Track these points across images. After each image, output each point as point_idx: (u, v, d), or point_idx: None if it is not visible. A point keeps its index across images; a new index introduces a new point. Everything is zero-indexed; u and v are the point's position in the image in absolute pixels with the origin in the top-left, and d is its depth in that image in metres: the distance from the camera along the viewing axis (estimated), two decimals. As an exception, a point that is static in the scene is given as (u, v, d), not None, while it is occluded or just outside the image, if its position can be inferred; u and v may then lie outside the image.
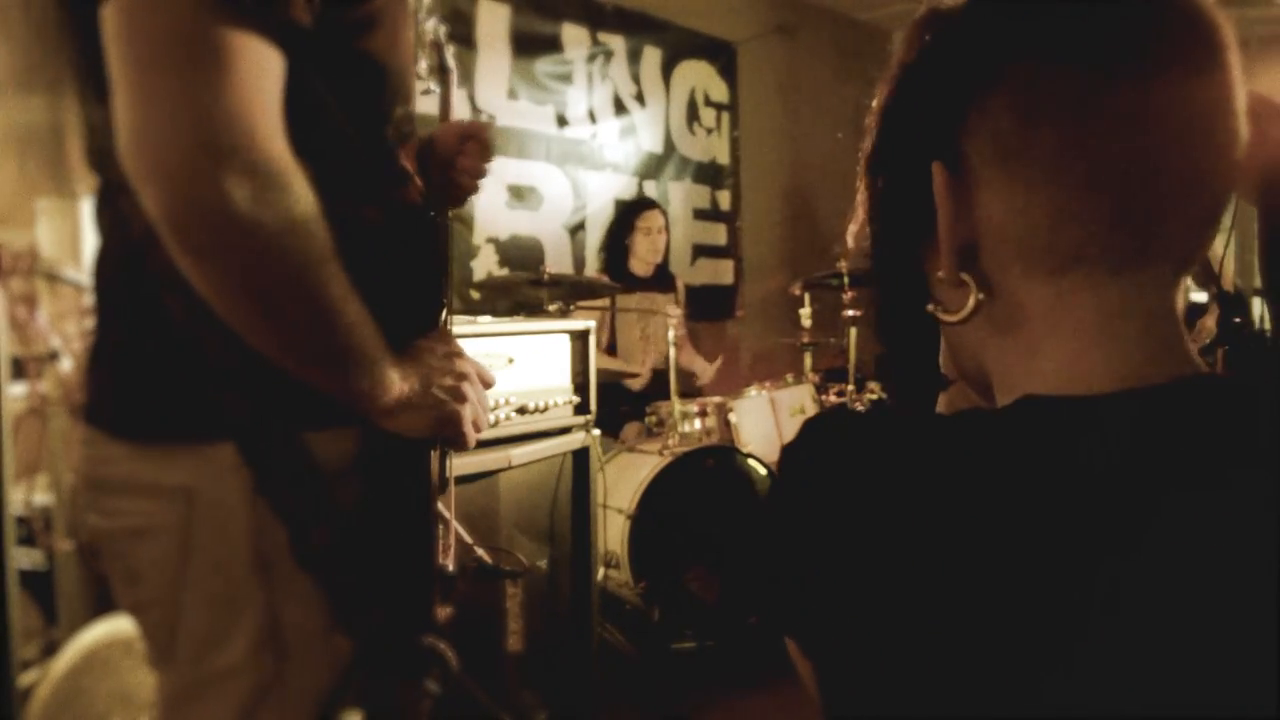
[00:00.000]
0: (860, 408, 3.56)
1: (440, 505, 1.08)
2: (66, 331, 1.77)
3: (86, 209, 1.80)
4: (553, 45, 3.94)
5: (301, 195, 0.72)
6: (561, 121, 4.00)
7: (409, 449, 0.91)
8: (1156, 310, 0.53)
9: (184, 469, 0.80)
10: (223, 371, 0.78)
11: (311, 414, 0.81)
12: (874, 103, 0.60)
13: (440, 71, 1.36)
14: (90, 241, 1.80)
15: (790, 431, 3.52)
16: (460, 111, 3.62)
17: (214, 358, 0.78)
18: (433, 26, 1.38)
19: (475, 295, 3.56)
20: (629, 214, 3.80)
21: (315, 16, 0.75)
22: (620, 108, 4.24)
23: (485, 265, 3.72)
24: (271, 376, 0.77)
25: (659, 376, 3.31)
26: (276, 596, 0.81)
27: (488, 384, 0.97)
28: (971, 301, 0.56)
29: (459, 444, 0.93)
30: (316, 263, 0.73)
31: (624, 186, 4.27)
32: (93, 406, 0.86)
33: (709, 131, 4.70)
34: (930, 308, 0.60)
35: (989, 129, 0.53)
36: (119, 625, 1.69)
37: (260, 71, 0.69)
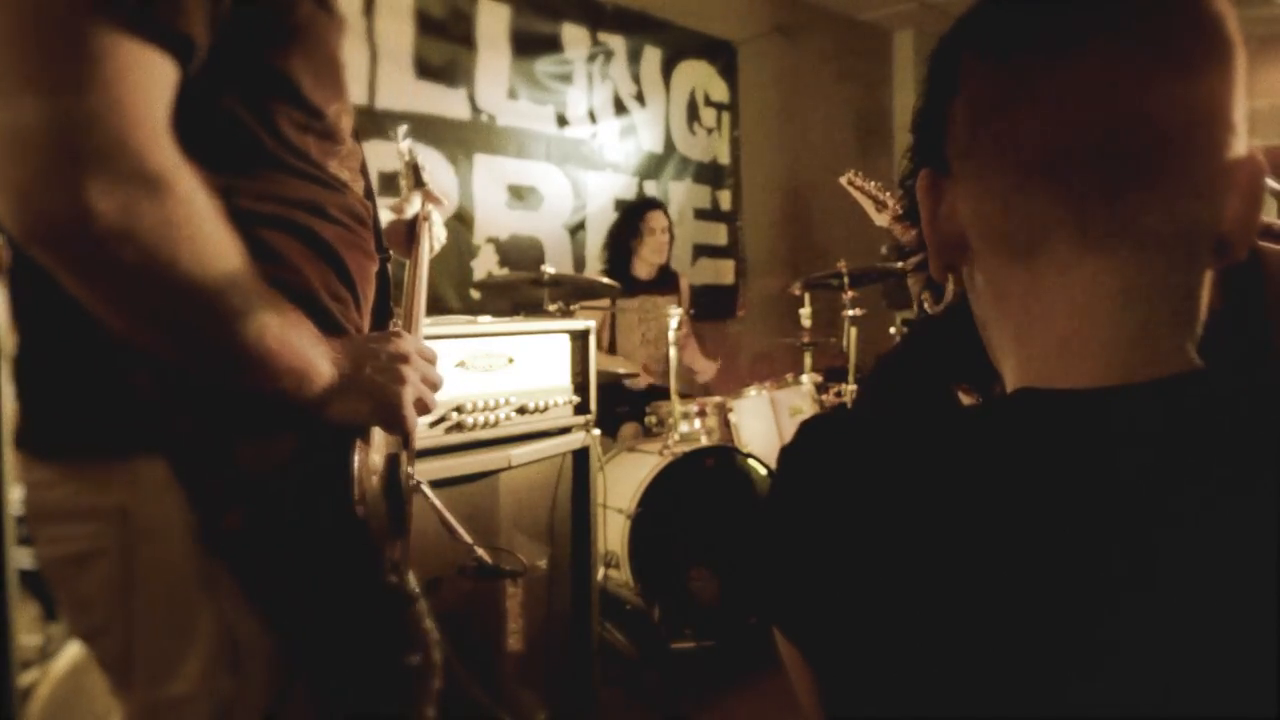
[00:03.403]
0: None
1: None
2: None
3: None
4: (553, 45, 3.94)
5: (185, 201, 0.67)
6: (561, 121, 4.00)
7: (335, 457, 0.86)
8: (1137, 291, 0.52)
9: (116, 489, 0.76)
10: (145, 383, 0.75)
11: (242, 421, 0.78)
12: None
13: (417, 184, 1.42)
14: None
15: (790, 431, 3.51)
16: (460, 111, 3.62)
17: (135, 370, 0.75)
18: (407, 148, 1.47)
19: (475, 295, 3.56)
20: (634, 214, 3.79)
21: (222, 32, 0.72)
22: (620, 108, 4.24)
23: (485, 265, 3.72)
24: (197, 385, 0.75)
25: (660, 377, 3.31)
26: (227, 612, 0.78)
27: (429, 361, 0.94)
28: (949, 293, 0.57)
29: (399, 427, 0.90)
30: (208, 268, 0.69)
31: (624, 186, 4.27)
32: (20, 430, 0.81)
33: (709, 131, 4.70)
34: (924, 298, 0.61)
35: (953, 131, 0.56)
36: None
37: (138, 77, 0.65)
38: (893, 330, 4.10)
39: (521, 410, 2.02)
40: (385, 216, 1.32)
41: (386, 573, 0.91)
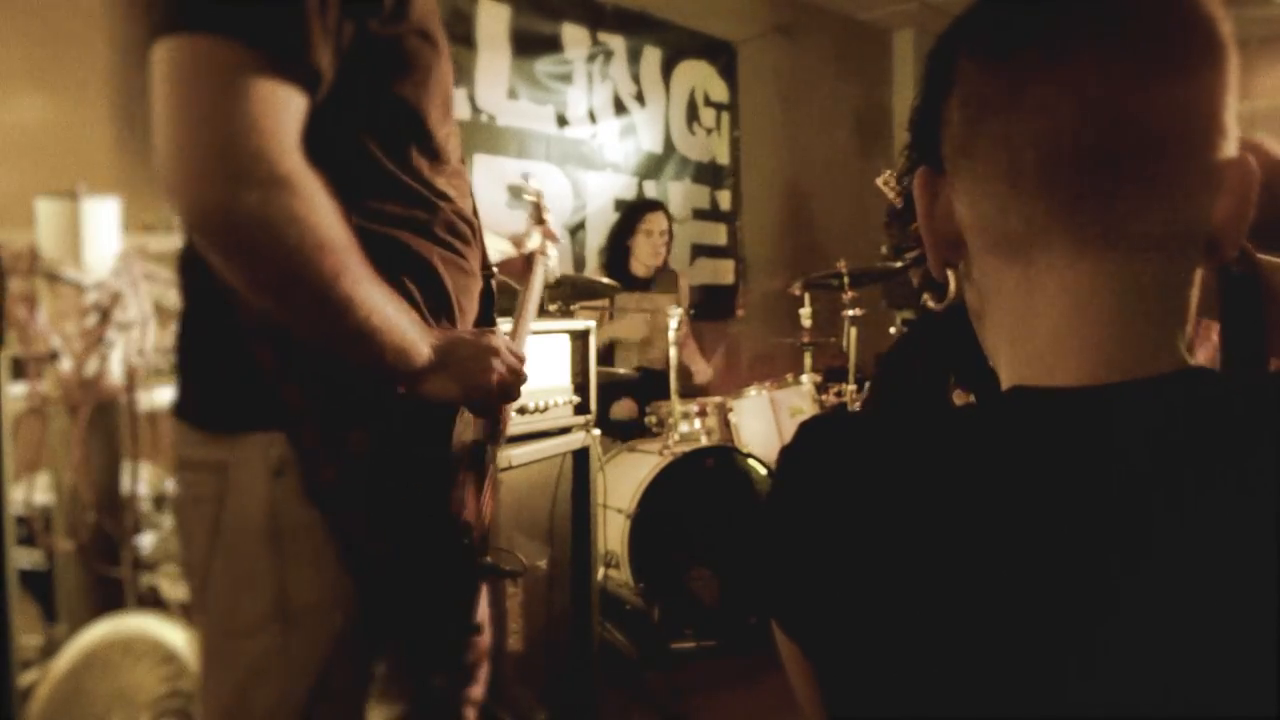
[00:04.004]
0: (855, 407, 3.56)
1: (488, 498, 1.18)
2: (66, 331, 1.77)
3: (87, 209, 1.80)
4: (553, 45, 3.94)
5: (308, 199, 0.83)
6: (561, 121, 4.00)
7: (434, 447, 1.03)
8: (1129, 292, 0.52)
9: (223, 449, 0.94)
10: (269, 366, 0.91)
11: (349, 410, 0.93)
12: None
13: (538, 222, 1.64)
14: (90, 241, 1.80)
15: (790, 431, 3.51)
16: (460, 111, 3.62)
17: (262, 358, 0.91)
18: (535, 188, 1.69)
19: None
20: (632, 215, 3.78)
21: (344, 63, 0.88)
22: (620, 108, 4.24)
23: (485, 265, 3.71)
24: (313, 375, 0.91)
25: (660, 376, 3.31)
26: (286, 569, 0.92)
27: (520, 359, 1.10)
28: (951, 291, 0.59)
29: (486, 410, 1.09)
30: (326, 254, 0.84)
31: (624, 186, 4.27)
32: (177, 396, 1.01)
33: (709, 131, 4.70)
34: (924, 296, 0.62)
35: (949, 130, 0.56)
36: (119, 625, 1.69)
37: (274, 103, 0.82)
38: (893, 330, 4.10)
39: (521, 410, 2.02)
40: (504, 247, 1.55)
41: (474, 550, 1.08)
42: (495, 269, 1.21)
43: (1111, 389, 0.51)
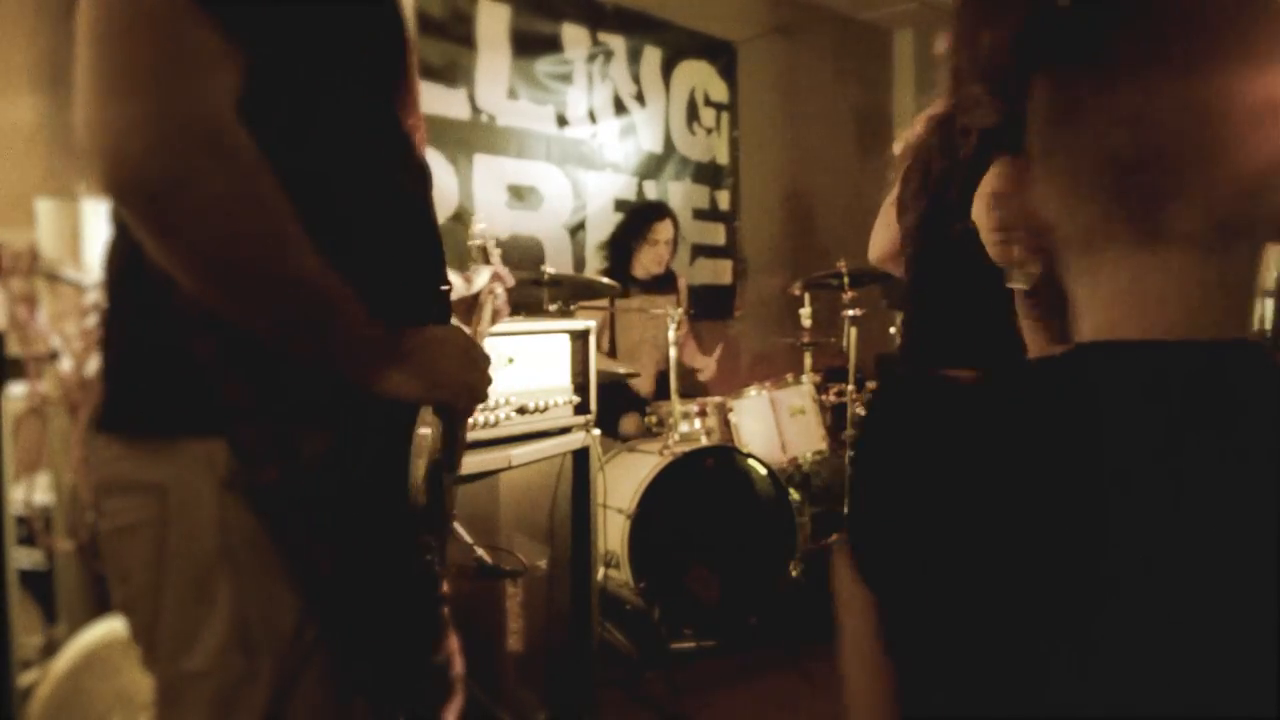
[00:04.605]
0: (861, 411, 3.56)
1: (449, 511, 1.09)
2: (66, 331, 1.77)
3: (86, 209, 1.80)
4: (553, 45, 3.94)
5: (247, 165, 0.75)
6: (561, 121, 4.00)
7: (392, 448, 0.90)
8: (1184, 279, 0.57)
9: (162, 464, 0.82)
10: (206, 363, 0.80)
11: (297, 409, 0.83)
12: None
13: (486, 262, 1.59)
14: (90, 241, 1.80)
15: (790, 431, 3.52)
16: (460, 111, 3.62)
17: (201, 353, 0.80)
18: (481, 231, 1.63)
19: (475, 295, 3.55)
20: (641, 221, 3.73)
21: (296, 37, 0.81)
22: (620, 108, 4.24)
23: (485, 265, 3.71)
24: (259, 371, 0.80)
25: (662, 378, 3.31)
26: (244, 593, 0.81)
27: (485, 360, 1.00)
28: (1034, 272, 0.65)
29: (449, 410, 0.95)
30: (271, 228, 0.76)
31: (624, 186, 4.27)
32: (97, 409, 0.87)
33: (709, 131, 4.70)
34: (1010, 276, 0.67)
35: (1033, 130, 0.62)
36: (119, 625, 1.69)
37: (206, 59, 0.74)
38: (893, 330, 4.10)
39: (521, 410, 2.02)
40: (456, 282, 1.46)
41: (422, 556, 0.93)
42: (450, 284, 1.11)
43: (1171, 346, 0.57)
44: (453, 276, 1.33)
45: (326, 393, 0.84)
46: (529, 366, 2.04)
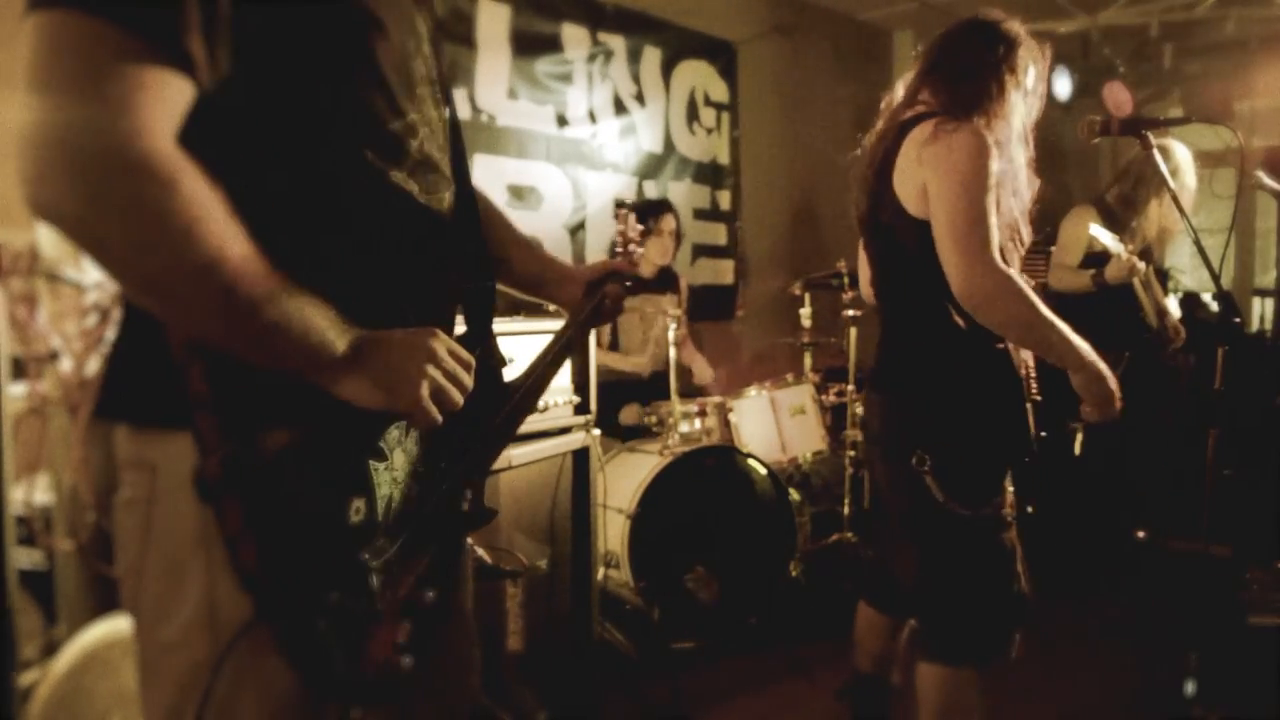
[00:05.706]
0: (860, 411, 3.56)
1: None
2: (66, 331, 1.77)
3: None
4: (553, 45, 3.94)
5: (179, 188, 0.77)
6: (561, 121, 4.00)
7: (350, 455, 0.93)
8: None
9: (155, 448, 0.87)
10: (180, 360, 0.84)
11: (261, 405, 0.86)
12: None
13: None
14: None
15: (790, 431, 3.52)
16: (460, 111, 3.61)
17: (174, 347, 0.84)
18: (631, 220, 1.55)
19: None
20: (643, 216, 3.77)
21: (254, 54, 0.83)
22: (620, 108, 4.24)
23: (485, 265, 3.71)
24: (223, 367, 0.84)
25: (661, 376, 3.31)
26: (216, 577, 0.86)
27: (463, 366, 0.98)
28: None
29: (413, 417, 0.94)
30: (198, 247, 0.77)
31: (624, 186, 4.27)
32: (103, 395, 0.93)
33: (709, 131, 4.70)
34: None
35: None
36: (119, 625, 1.69)
37: (142, 86, 0.76)
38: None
39: (521, 410, 2.02)
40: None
41: (365, 560, 0.93)
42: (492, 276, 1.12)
43: None
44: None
45: (293, 392, 0.86)
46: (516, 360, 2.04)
